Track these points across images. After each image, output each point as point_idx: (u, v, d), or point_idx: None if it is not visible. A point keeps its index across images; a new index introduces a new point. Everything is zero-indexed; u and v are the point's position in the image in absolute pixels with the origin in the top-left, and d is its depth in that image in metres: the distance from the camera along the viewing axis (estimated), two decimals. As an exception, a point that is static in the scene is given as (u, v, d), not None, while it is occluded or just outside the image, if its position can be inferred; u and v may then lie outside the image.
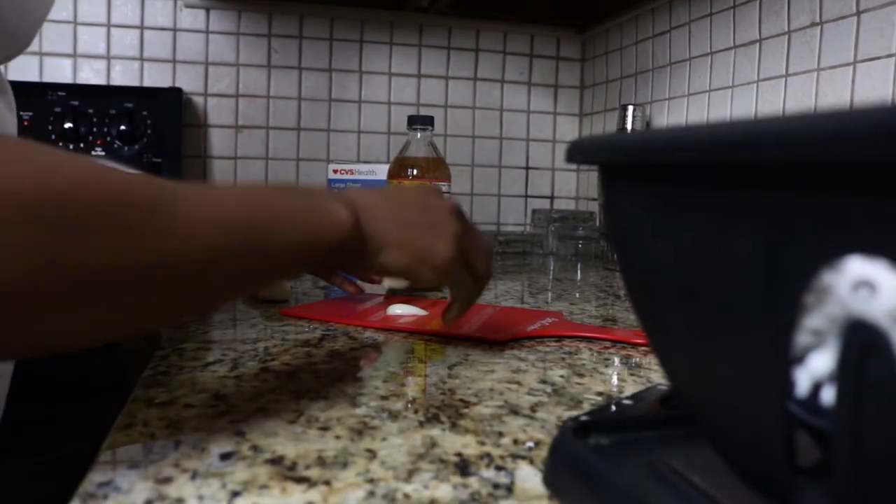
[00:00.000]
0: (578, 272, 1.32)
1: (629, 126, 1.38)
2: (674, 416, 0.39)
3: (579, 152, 0.32)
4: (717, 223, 0.26)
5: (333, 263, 0.51)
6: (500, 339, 0.68)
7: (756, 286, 0.24)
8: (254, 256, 0.43)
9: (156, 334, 0.73)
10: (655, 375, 0.58)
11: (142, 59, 1.52)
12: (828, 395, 0.24)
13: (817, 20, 1.02)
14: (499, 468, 0.38)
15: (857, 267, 0.22)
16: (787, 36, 1.09)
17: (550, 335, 0.71)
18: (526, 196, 1.75)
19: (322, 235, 0.48)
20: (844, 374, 0.23)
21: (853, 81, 0.96)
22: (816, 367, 0.24)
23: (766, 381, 0.25)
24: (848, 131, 0.19)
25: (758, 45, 1.15)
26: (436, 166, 1.01)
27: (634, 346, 0.69)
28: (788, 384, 0.25)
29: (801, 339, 0.24)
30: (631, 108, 1.37)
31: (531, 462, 0.39)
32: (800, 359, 0.24)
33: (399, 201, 0.57)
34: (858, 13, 0.96)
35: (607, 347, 0.68)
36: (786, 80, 1.09)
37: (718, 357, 0.28)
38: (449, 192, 1.02)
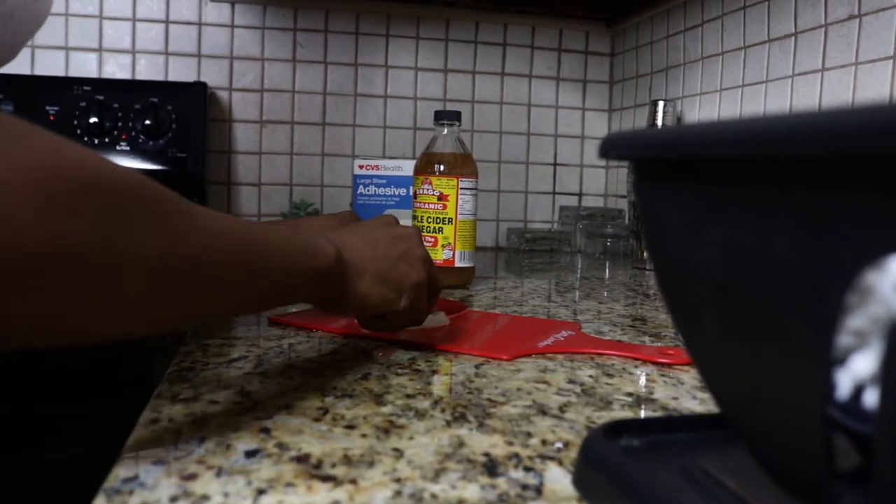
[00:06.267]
0: (607, 270, 1.31)
1: (659, 122, 1.36)
2: (707, 417, 0.38)
3: (612, 147, 0.31)
4: (756, 220, 0.25)
5: (320, 293, 0.53)
6: (505, 357, 0.61)
7: (796, 285, 0.24)
8: (256, 272, 0.45)
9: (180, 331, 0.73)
10: (686, 376, 0.57)
11: (167, 53, 1.53)
12: (870, 399, 0.23)
13: (856, 12, 1.00)
14: (527, 469, 0.37)
15: (903, 266, 0.21)
16: (823, 29, 1.06)
17: (564, 352, 0.64)
18: (554, 193, 1.74)
19: (312, 260, 0.50)
20: (888, 376, 0.22)
21: (893, 76, 0.94)
22: (858, 369, 0.23)
23: (806, 384, 0.24)
24: (891, 125, 0.18)
25: (793, 38, 1.13)
26: (463, 162, 1.00)
27: (657, 364, 0.61)
28: (829, 386, 0.24)
29: (843, 340, 0.23)
30: (661, 103, 1.35)
31: (560, 463, 0.38)
32: (841, 360, 0.23)
33: (370, 236, 0.60)
34: (896, 5, 0.94)
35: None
36: (822, 75, 1.07)
37: (756, 358, 0.27)
38: (476, 189, 1.01)
